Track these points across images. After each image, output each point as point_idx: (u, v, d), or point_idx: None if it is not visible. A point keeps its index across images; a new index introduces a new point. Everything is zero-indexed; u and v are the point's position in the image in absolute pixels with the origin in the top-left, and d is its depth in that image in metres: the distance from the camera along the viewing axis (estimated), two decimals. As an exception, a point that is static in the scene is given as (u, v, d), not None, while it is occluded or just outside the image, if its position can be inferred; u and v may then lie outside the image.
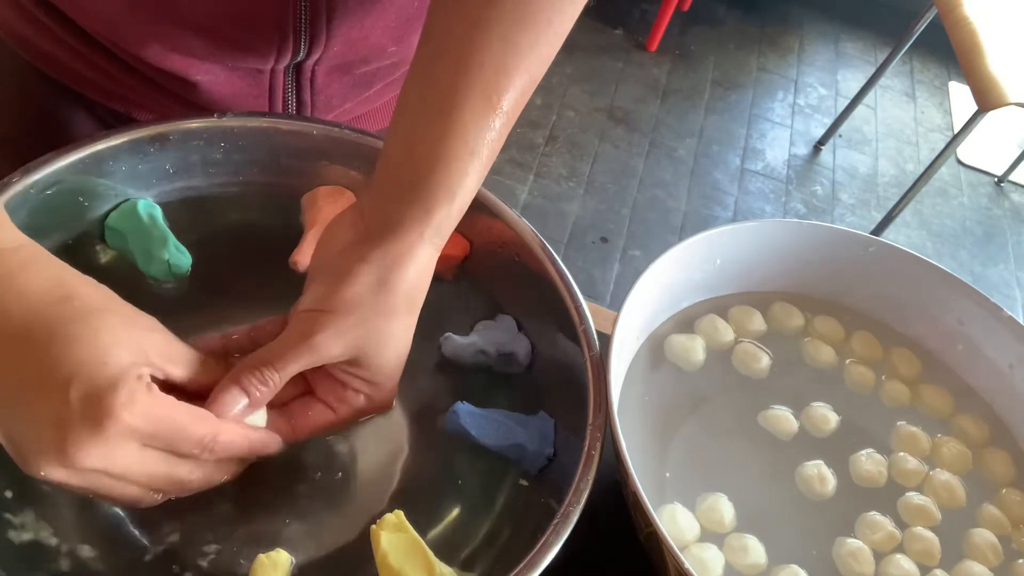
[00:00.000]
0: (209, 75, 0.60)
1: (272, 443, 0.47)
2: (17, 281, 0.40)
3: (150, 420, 0.40)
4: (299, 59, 0.60)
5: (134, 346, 0.41)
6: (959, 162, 2.64)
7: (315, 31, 0.58)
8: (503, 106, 0.48)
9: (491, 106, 0.48)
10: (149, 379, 0.41)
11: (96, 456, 0.39)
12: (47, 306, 0.40)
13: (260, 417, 0.47)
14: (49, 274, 0.42)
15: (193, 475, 0.44)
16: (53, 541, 0.48)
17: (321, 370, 0.48)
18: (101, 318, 0.41)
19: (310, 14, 0.57)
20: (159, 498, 0.44)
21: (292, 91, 0.64)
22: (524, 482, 0.54)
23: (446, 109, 0.47)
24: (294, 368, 0.45)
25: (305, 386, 0.50)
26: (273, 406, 0.48)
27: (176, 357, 0.44)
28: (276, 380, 0.45)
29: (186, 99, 0.63)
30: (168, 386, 0.44)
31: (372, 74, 0.65)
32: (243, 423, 0.45)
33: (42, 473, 0.39)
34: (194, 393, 0.45)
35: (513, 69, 0.48)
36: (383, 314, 0.46)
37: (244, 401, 0.45)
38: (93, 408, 0.38)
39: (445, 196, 0.47)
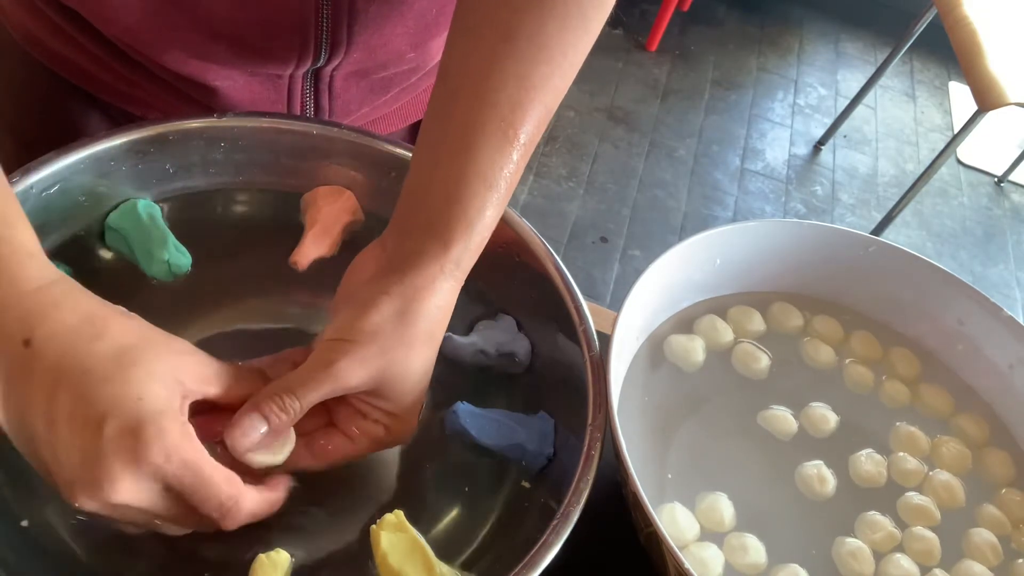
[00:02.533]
0: (228, 80, 0.60)
1: (284, 493, 0.47)
2: (50, 319, 0.41)
3: (179, 463, 0.40)
4: (319, 65, 0.61)
5: (168, 377, 0.42)
6: (959, 162, 2.64)
7: (336, 38, 0.58)
8: (520, 139, 0.49)
9: (507, 140, 0.49)
10: (185, 419, 0.42)
11: (127, 491, 0.39)
12: (80, 344, 0.41)
13: (285, 451, 0.47)
14: (81, 310, 0.42)
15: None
16: (52, 535, 0.48)
17: (342, 401, 0.48)
18: (134, 353, 0.41)
19: (331, 21, 0.57)
20: (186, 530, 0.45)
21: (310, 96, 0.64)
22: (525, 483, 0.54)
23: (463, 145, 0.48)
24: (315, 396, 0.46)
25: (328, 417, 0.50)
26: (296, 435, 0.48)
27: (210, 377, 0.44)
28: (297, 407, 0.45)
29: (204, 104, 0.63)
30: (208, 405, 0.45)
31: (389, 79, 0.66)
32: (264, 489, 0.45)
33: (77, 504, 0.40)
34: (235, 408, 0.46)
35: (528, 103, 0.49)
36: (403, 345, 0.47)
37: (264, 428, 0.45)
38: (127, 444, 0.39)
39: (463, 231, 0.48)
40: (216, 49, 0.57)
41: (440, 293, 0.48)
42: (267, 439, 0.45)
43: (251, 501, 0.44)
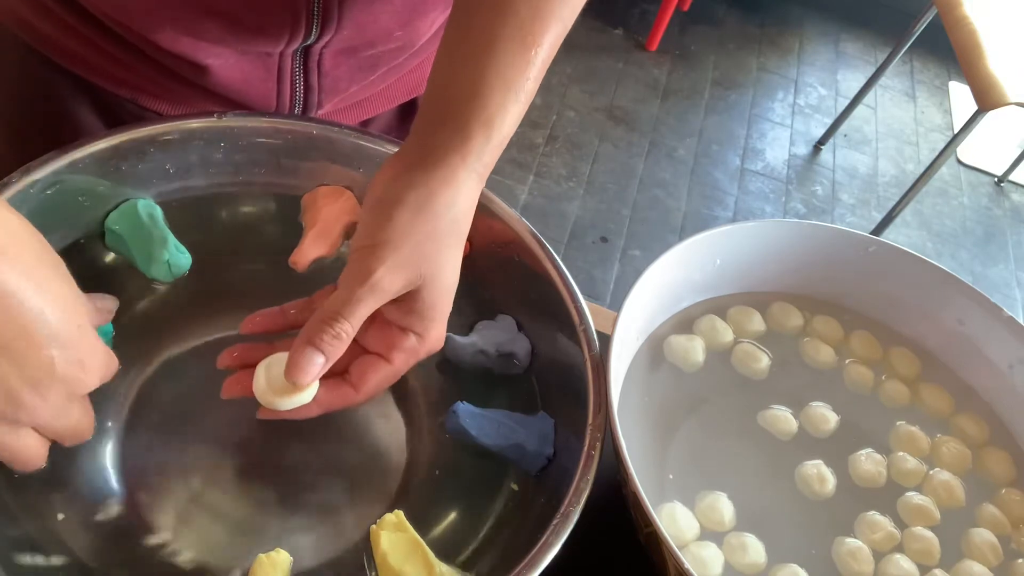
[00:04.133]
0: (219, 59, 0.60)
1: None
2: None
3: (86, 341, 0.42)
4: (309, 42, 0.61)
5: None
6: (959, 162, 2.64)
7: (327, 14, 0.58)
8: (539, 46, 0.50)
9: (526, 47, 0.49)
10: None
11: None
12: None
13: (312, 389, 0.47)
14: None
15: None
16: (51, 536, 0.48)
17: (372, 321, 0.49)
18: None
19: None
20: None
21: (300, 75, 0.64)
22: (523, 483, 0.54)
23: (484, 49, 0.49)
24: (363, 311, 0.46)
25: (357, 348, 0.50)
26: (333, 375, 0.48)
27: None
28: (348, 329, 0.45)
29: (195, 83, 0.62)
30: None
31: (377, 57, 0.66)
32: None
33: None
34: None
35: (547, 13, 0.50)
36: (433, 240, 0.47)
37: (321, 359, 0.45)
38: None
39: (483, 126, 0.49)
40: (208, 26, 0.57)
41: (463, 185, 0.48)
42: (324, 369, 0.45)
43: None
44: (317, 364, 0.45)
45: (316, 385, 0.48)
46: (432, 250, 0.47)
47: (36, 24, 0.62)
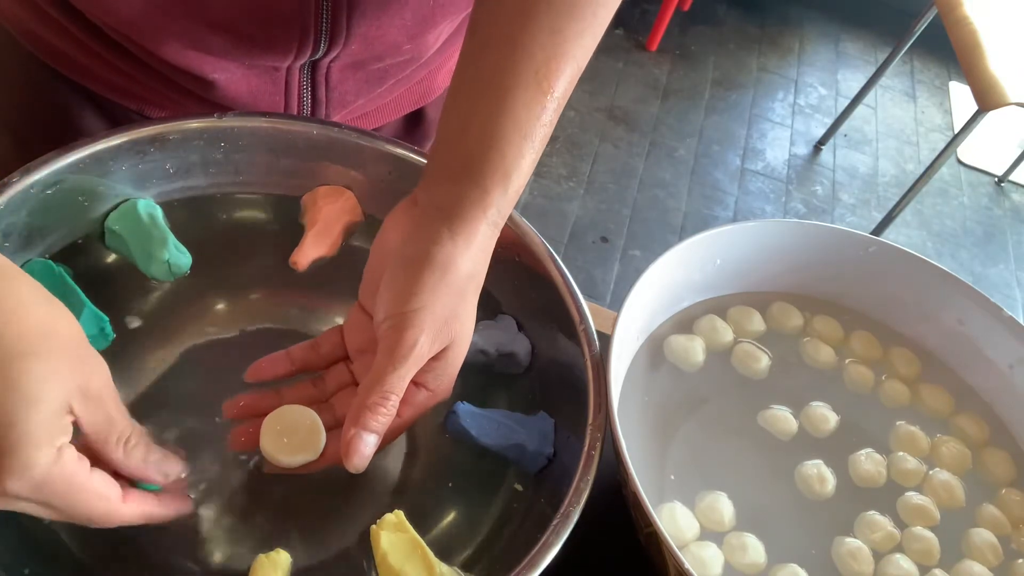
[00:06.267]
0: (226, 73, 0.60)
1: (180, 509, 0.46)
2: None
3: (43, 492, 0.38)
4: (317, 56, 0.61)
5: (60, 394, 0.38)
6: (959, 162, 2.64)
7: (335, 29, 0.58)
8: (554, 91, 0.49)
9: (542, 91, 0.49)
10: (65, 443, 0.39)
11: None
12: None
13: (319, 446, 0.48)
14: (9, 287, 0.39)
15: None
16: (51, 536, 0.48)
17: None
18: (40, 359, 0.38)
19: (331, 12, 0.57)
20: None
21: (307, 88, 0.64)
22: (524, 483, 0.54)
23: (498, 94, 0.48)
24: (407, 382, 0.46)
25: None
26: (339, 425, 0.48)
27: (103, 402, 0.41)
28: (394, 402, 0.45)
29: (201, 97, 0.62)
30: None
31: (385, 71, 0.66)
32: (145, 499, 0.43)
33: None
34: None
35: (562, 56, 0.49)
36: (460, 297, 0.47)
37: (375, 439, 0.45)
38: None
39: (501, 177, 0.48)
40: (215, 40, 0.57)
41: (483, 239, 0.48)
42: (376, 446, 0.46)
43: (128, 513, 0.42)
44: (372, 445, 0.45)
45: (323, 441, 0.48)
46: (459, 308, 0.47)
47: (45, 37, 0.63)
